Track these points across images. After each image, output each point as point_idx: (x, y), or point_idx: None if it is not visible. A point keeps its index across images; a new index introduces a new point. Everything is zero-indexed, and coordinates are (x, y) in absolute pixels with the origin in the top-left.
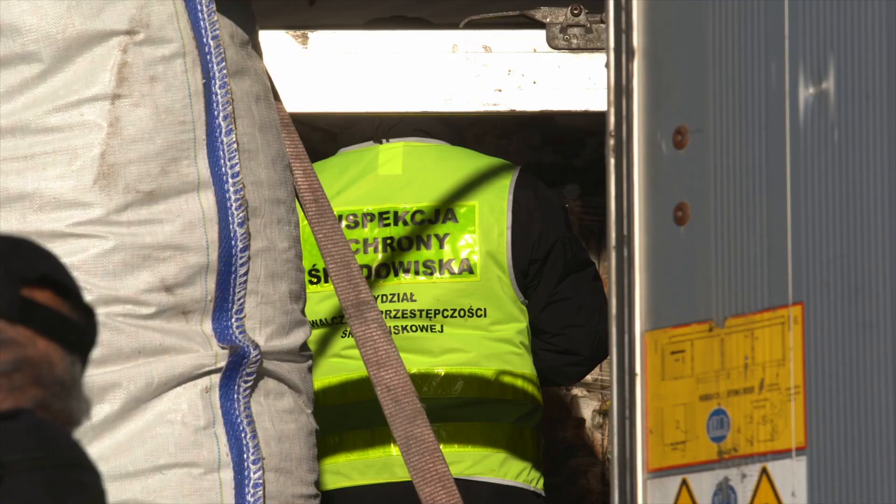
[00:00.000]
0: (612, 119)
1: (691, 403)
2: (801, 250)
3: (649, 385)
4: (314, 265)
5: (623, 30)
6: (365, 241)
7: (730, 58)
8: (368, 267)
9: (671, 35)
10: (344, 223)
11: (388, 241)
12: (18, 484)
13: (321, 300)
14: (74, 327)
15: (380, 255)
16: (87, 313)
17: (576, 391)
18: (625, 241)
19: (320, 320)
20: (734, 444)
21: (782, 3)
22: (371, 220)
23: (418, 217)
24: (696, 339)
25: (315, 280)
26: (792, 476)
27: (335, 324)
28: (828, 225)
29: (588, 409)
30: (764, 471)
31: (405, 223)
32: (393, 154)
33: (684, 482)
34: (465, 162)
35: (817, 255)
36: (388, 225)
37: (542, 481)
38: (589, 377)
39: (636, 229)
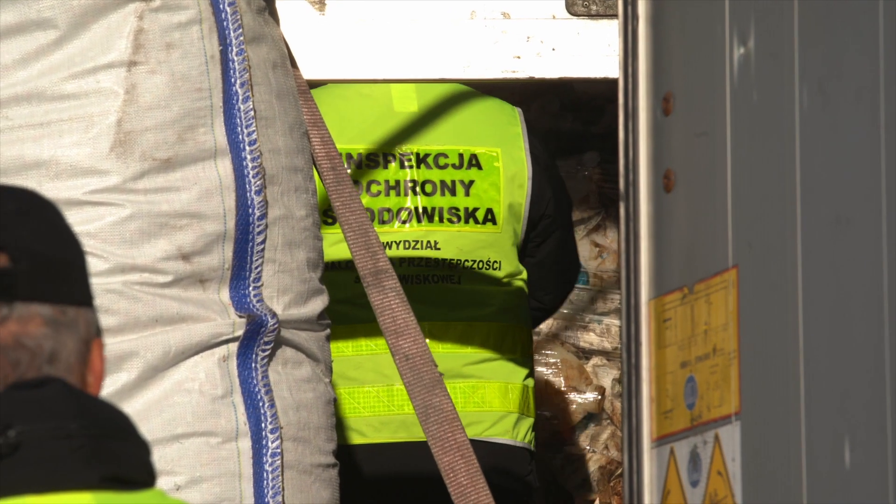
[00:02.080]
0: (620, 86)
1: (675, 371)
2: (739, 212)
3: (652, 354)
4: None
5: None
6: (386, 182)
7: (699, 22)
8: (390, 210)
9: (664, 0)
10: (365, 163)
11: (412, 185)
12: (50, 453)
13: (333, 243)
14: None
15: (403, 199)
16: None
17: (596, 360)
18: (631, 208)
19: (331, 263)
20: (700, 410)
21: None
22: (392, 161)
23: (441, 161)
24: (678, 306)
25: (331, 220)
26: (732, 441)
27: (348, 268)
28: (753, 186)
29: (608, 377)
30: (716, 437)
31: (428, 166)
32: (405, 87)
33: (671, 451)
34: (476, 101)
35: (747, 216)
36: (412, 167)
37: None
38: (609, 346)
39: (641, 197)
